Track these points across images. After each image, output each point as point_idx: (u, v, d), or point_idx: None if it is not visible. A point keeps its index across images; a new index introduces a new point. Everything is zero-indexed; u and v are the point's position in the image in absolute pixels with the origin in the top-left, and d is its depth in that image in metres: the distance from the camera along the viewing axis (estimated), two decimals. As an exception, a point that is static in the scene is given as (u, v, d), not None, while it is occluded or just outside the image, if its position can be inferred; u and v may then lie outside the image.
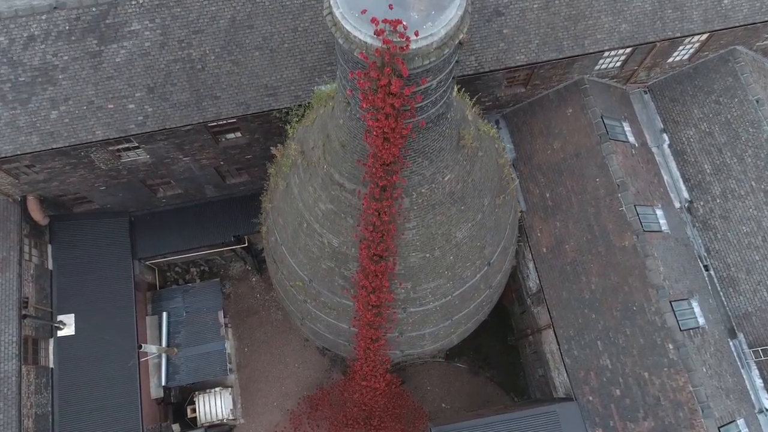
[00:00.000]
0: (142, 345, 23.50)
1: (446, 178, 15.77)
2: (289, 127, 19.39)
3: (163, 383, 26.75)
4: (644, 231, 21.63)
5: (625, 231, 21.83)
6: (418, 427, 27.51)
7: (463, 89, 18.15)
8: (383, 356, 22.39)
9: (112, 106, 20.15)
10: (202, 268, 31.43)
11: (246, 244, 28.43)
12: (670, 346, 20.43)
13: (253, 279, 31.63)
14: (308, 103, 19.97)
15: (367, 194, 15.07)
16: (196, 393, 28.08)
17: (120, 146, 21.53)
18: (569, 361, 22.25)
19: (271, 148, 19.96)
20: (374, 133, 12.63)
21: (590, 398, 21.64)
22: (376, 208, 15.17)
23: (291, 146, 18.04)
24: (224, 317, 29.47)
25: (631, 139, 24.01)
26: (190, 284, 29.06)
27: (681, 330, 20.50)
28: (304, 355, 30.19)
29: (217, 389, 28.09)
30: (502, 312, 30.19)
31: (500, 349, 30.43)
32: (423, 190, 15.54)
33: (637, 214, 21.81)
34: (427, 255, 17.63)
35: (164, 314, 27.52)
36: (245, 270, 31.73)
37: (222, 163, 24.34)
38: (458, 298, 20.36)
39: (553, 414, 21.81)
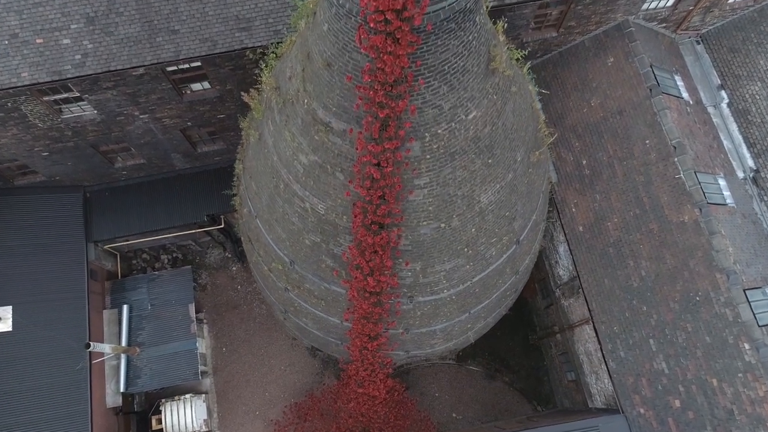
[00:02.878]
0: (91, 344, 19.29)
1: (471, 116, 11.54)
2: (264, 66, 15.16)
3: (122, 389, 22.54)
4: (708, 203, 17.44)
5: (684, 203, 17.64)
6: (424, 442, 23.42)
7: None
8: (383, 358, 18.19)
9: (41, 40, 15.94)
10: (174, 255, 27.20)
11: (223, 226, 24.24)
12: (746, 346, 16.21)
13: (234, 268, 27.44)
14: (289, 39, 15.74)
15: (362, 133, 10.86)
16: (163, 401, 23.86)
17: (57, 96, 17.32)
18: (614, 364, 18.04)
19: (242, 94, 15.73)
20: (371, 24, 8.42)
21: (641, 410, 17.41)
22: (375, 154, 10.96)
23: (264, 82, 13.81)
24: (198, 312, 25.34)
25: (685, 95, 19.82)
26: (156, 272, 24.81)
27: (759, 326, 16.31)
28: (292, 355, 26.03)
29: (188, 396, 23.89)
30: (522, 306, 25.99)
31: (520, 349, 26.24)
32: (439, 131, 11.30)
33: (699, 183, 17.62)
34: (443, 225, 13.40)
35: (125, 307, 23.35)
36: (224, 257, 27.53)
37: (189, 123, 20.12)
38: (479, 285, 16.13)
39: (595, 429, 17.61)
